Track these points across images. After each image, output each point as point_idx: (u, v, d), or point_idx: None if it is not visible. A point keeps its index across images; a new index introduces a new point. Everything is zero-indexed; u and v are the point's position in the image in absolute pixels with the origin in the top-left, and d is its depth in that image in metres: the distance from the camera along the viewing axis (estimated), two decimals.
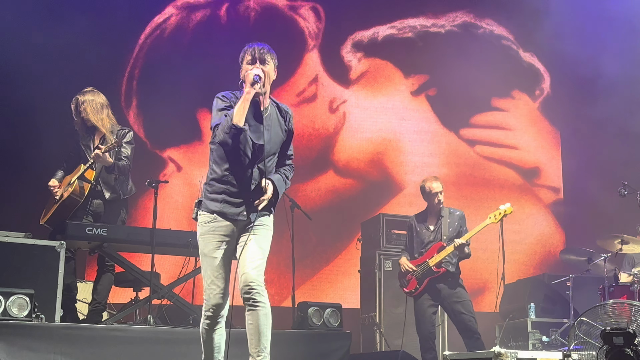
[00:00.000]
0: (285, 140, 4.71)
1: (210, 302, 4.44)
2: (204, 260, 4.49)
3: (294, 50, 10.72)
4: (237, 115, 4.36)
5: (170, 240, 6.72)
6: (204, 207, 4.51)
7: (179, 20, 10.33)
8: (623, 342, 4.95)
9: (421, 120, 11.11)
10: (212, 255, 4.45)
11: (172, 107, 9.72)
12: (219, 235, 4.46)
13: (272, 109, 4.64)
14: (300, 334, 6.69)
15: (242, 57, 4.62)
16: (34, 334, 5.58)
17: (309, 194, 10.33)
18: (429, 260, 7.09)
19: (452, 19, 11.39)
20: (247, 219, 4.48)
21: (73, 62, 8.88)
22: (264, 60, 4.57)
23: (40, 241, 6.23)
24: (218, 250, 4.45)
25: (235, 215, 4.46)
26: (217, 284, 4.43)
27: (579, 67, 11.08)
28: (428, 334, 7.09)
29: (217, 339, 4.53)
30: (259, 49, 4.58)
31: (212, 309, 4.45)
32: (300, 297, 7.67)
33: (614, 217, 9.84)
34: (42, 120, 8.55)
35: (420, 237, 7.30)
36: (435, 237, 7.25)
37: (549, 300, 9.19)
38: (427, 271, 7.09)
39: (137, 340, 5.96)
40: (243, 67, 4.58)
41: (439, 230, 7.25)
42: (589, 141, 11.21)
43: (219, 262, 4.44)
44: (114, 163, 6.70)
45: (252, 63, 4.55)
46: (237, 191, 4.47)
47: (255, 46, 4.60)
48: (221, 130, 4.39)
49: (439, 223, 7.29)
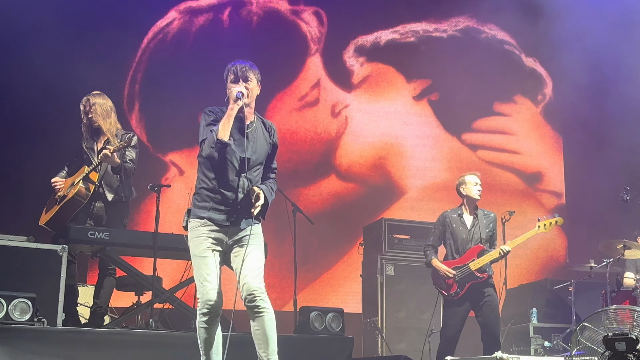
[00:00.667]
0: (270, 153, 4.90)
1: (203, 298, 4.55)
2: (195, 261, 4.66)
3: (296, 54, 10.73)
4: (221, 130, 4.59)
5: (173, 245, 6.71)
6: (194, 215, 4.72)
7: (182, 25, 10.35)
8: (625, 348, 4.94)
9: (423, 125, 11.12)
10: (202, 255, 4.62)
11: (174, 111, 9.73)
12: (209, 238, 4.64)
13: (257, 123, 4.85)
14: (302, 339, 6.68)
15: (226, 76, 4.82)
16: (36, 338, 5.58)
17: (311, 198, 10.34)
18: (470, 264, 6.89)
19: (455, 24, 11.40)
20: (237, 226, 4.66)
21: (75, 65, 8.87)
22: (247, 77, 4.76)
23: (42, 245, 6.23)
24: (208, 251, 4.62)
25: (224, 222, 4.64)
26: (209, 280, 4.57)
27: (581, 72, 11.09)
28: (454, 337, 6.93)
29: (214, 337, 4.63)
30: (241, 67, 4.76)
31: (207, 306, 4.54)
32: (302, 301, 7.66)
33: (616, 222, 9.83)
34: (43, 123, 8.56)
35: (456, 234, 7.08)
36: (472, 238, 7.07)
37: (551, 306, 9.18)
38: (468, 275, 6.88)
39: (138, 344, 5.95)
40: (228, 85, 4.78)
41: (475, 231, 7.07)
42: (591, 146, 11.20)
43: (210, 261, 4.60)
44: (121, 163, 6.70)
45: (235, 82, 4.74)
46: (225, 200, 4.66)
47: (238, 64, 4.78)
48: (207, 145, 4.62)
49: (475, 223, 7.12)
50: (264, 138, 4.83)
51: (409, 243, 8.60)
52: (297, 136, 10.51)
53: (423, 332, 8.08)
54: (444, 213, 7.31)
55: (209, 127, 4.67)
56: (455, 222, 7.16)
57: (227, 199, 4.64)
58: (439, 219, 7.29)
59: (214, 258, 4.61)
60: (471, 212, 7.19)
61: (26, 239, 6.26)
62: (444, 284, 7.01)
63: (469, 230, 7.10)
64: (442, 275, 6.98)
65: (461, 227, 7.13)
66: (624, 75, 10.81)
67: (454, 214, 7.22)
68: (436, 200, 10.86)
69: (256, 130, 4.81)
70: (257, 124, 4.84)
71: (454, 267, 6.95)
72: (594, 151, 11.07)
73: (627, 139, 10.32)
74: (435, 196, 10.90)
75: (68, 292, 6.43)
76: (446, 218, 7.22)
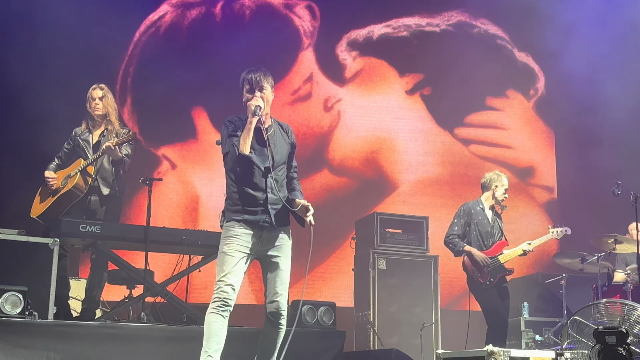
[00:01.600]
0: (290, 152, 5.22)
1: (218, 290, 4.73)
2: (221, 258, 4.85)
3: (289, 48, 10.72)
4: (242, 145, 4.83)
5: (164, 238, 6.71)
6: (229, 218, 4.93)
7: (174, 18, 10.32)
8: (615, 341, 4.96)
9: (416, 119, 11.12)
10: (230, 254, 4.82)
11: (166, 104, 9.72)
12: (241, 240, 4.85)
13: (275, 127, 5.11)
14: (293, 332, 6.67)
15: (241, 84, 5.00)
16: (27, 331, 5.57)
17: (303, 191, 10.27)
18: (500, 257, 7.19)
19: (447, 18, 11.40)
20: (269, 224, 4.93)
21: (67, 59, 8.85)
22: (262, 87, 4.95)
23: (33, 238, 6.21)
24: (238, 252, 4.82)
25: (258, 222, 4.89)
26: (229, 278, 4.75)
27: (574, 66, 11.11)
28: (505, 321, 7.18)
29: (219, 328, 4.72)
30: (255, 77, 4.94)
31: (221, 295, 4.73)
32: (293, 295, 7.65)
33: (608, 216, 9.87)
34: (34, 116, 8.52)
35: (481, 226, 7.30)
36: (494, 232, 7.32)
37: (542, 300, 9.22)
38: (499, 267, 7.18)
39: (130, 337, 5.95)
40: (244, 94, 4.97)
41: (495, 226, 7.34)
42: (583, 141, 11.23)
43: (236, 260, 4.80)
44: (122, 157, 6.71)
45: (250, 92, 4.94)
46: (255, 201, 4.91)
47: (252, 74, 4.95)
48: (230, 159, 4.89)
49: (495, 219, 7.38)
50: (283, 140, 5.11)
51: (401, 237, 8.61)
52: None
53: (415, 326, 8.12)
54: (468, 204, 7.47)
55: (230, 139, 4.88)
56: (479, 214, 7.36)
57: (257, 200, 4.89)
58: (464, 209, 7.42)
59: (240, 259, 4.81)
60: (491, 208, 7.42)
61: (17, 232, 6.24)
62: (480, 272, 7.17)
63: (491, 224, 7.33)
64: (480, 263, 7.14)
65: (485, 221, 7.33)
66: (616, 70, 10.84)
67: (477, 207, 7.40)
68: (428, 194, 10.89)
69: (275, 133, 5.06)
70: (275, 127, 5.09)
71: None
72: (586, 146, 11.10)
73: (618, 134, 10.35)
74: (428, 190, 10.92)
75: (60, 286, 6.42)
76: (471, 210, 7.39)
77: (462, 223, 7.34)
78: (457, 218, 7.40)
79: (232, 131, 4.92)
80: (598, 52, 10.92)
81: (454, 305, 9.97)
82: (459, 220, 7.37)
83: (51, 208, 6.74)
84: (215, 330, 4.71)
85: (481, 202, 7.42)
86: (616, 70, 10.72)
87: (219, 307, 4.73)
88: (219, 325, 4.72)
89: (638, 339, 4.98)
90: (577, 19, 10.89)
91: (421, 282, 8.45)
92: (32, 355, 5.51)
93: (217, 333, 4.71)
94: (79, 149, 6.89)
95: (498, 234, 7.35)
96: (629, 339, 4.96)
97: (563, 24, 10.84)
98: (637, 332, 5.01)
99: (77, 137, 6.93)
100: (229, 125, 4.96)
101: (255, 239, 4.89)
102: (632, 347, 4.94)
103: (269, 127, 5.04)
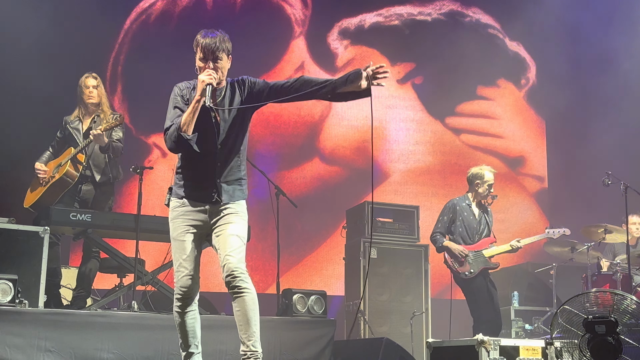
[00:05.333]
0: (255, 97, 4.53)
1: (178, 284, 4.47)
2: (173, 244, 4.53)
3: (280, 37, 10.68)
4: (184, 123, 4.35)
5: (155, 227, 6.70)
6: (174, 194, 4.57)
7: (165, 6, 10.26)
8: (605, 331, 4.98)
9: (407, 109, 11.12)
10: (180, 238, 4.49)
11: (157, 92, 9.63)
12: (188, 219, 4.50)
13: (228, 91, 4.55)
14: (284, 321, 6.70)
15: (195, 47, 4.52)
16: (17, 320, 5.56)
17: (294, 181, 10.33)
18: (484, 252, 7.26)
19: (439, 7, 11.39)
20: (218, 203, 4.47)
21: (57, 46, 8.79)
22: (217, 57, 4.46)
23: (24, 227, 6.20)
24: (187, 234, 4.49)
25: (204, 199, 4.47)
26: (185, 266, 4.46)
27: (564, 56, 11.14)
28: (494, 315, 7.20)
29: (190, 322, 4.53)
30: (210, 45, 4.44)
31: (181, 292, 4.47)
32: (285, 284, 7.66)
33: (598, 206, 9.91)
34: (22, 103, 8.47)
35: (467, 222, 7.35)
36: (480, 228, 7.36)
37: (532, 289, 9.26)
38: (482, 260, 7.24)
39: (121, 326, 5.95)
40: (197, 61, 4.51)
41: (482, 222, 7.39)
42: (574, 130, 11.26)
43: (187, 245, 4.47)
44: (109, 142, 6.73)
45: (204, 61, 4.47)
46: (204, 176, 4.49)
47: (208, 40, 4.46)
48: (169, 138, 4.40)
49: (482, 215, 7.42)
50: (238, 103, 4.53)
51: (392, 226, 8.62)
52: (281, 119, 10.48)
53: (405, 315, 8.14)
54: (453, 201, 7.51)
55: (175, 110, 4.47)
56: (465, 210, 7.40)
57: (205, 174, 4.48)
58: (449, 206, 7.48)
59: (191, 242, 4.47)
60: (478, 204, 7.45)
61: (7, 221, 6.22)
62: (458, 262, 7.24)
63: (478, 220, 7.37)
64: (457, 255, 7.21)
65: (471, 217, 7.38)
66: (607, 60, 10.87)
67: (462, 203, 7.45)
68: (419, 183, 10.91)
69: (225, 98, 4.54)
70: (227, 92, 4.55)
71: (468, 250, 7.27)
72: (577, 136, 11.14)
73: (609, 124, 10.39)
74: (419, 180, 10.94)
75: (51, 275, 6.43)
76: (456, 206, 7.44)
77: (446, 220, 7.43)
78: (441, 215, 7.50)
79: (177, 105, 4.49)
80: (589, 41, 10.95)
81: (444, 294, 9.99)
82: (442, 218, 7.47)
83: (43, 197, 6.73)
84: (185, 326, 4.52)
85: (467, 197, 7.48)
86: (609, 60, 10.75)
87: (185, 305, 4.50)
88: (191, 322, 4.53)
89: (627, 328, 5.00)
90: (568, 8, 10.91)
91: (412, 271, 8.47)
92: (22, 344, 5.50)
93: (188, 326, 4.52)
94: (69, 137, 6.89)
95: (485, 230, 7.40)
96: (619, 328, 4.98)
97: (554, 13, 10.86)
98: (626, 321, 5.03)
99: (67, 125, 6.93)
100: (175, 99, 4.52)
101: (203, 214, 4.48)
102: (621, 337, 4.96)
103: (219, 94, 4.49)
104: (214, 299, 7.74)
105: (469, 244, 7.30)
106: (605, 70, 10.84)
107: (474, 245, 7.29)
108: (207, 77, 4.38)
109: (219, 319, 6.30)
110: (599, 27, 10.91)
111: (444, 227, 7.42)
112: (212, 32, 4.53)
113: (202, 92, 4.34)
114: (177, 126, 4.36)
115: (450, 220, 7.40)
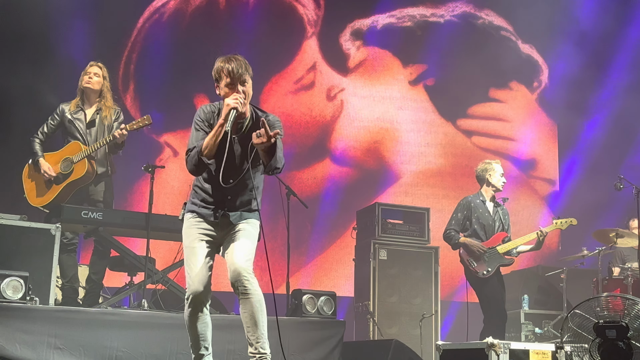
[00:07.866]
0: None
1: (190, 288, 4.47)
2: (185, 252, 4.56)
3: (292, 37, 10.69)
4: (205, 147, 4.36)
5: (166, 226, 6.71)
6: (187, 209, 4.62)
7: (178, 5, 10.28)
8: (616, 335, 4.96)
9: (419, 110, 11.11)
10: (192, 245, 4.52)
11: (169, 91, 9.69)
12: (200, 229, 4.53)
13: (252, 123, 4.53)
14: (293, 322, 6.69)
15: (217, 73, 4.49)
16: (28, 317, 5.58)
17: (305, 181, 10.33)
18: (498, 247, 7.19)
19: (452, 9, 11.37)
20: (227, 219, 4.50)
21: (69, 44, 8.82)
22: (244, 81, 4.44)
23: (35, 224, 6.23)
24: (199, 242, 4.52)
25: (211, 217, 4.51)
26: (196, 272, 4.46)
27: (577, 59, 11.10)
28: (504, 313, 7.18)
29: (200, 327, 4.54)
30: (238, 70, 4.41)
31: (192, 296, 4.46)
32: (294, 284, 7.67)
33: (610, 210, 9.87)
34: (32, 100, 8.49)
35: (483, 219, 7.30)
36: (495, 224, 7.31)
37: (542, 292, 9.23)
38: (497, 257, 7.18)
39: (131, 324, 5.96)
40: (221, 88, 4.48)
41: (497, 218, 7.33)
42: (586, 134, 11.23)
43: (199, 252, 4.49)
44: (123, 143, 6.77)
45: (231, 86, 4.43)
46: (218, 198, 4.52)
47: (233, 64, 4.42)
48: (190, 160, 4.44)
49: (496, 211, 7.37)
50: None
51: (402, 228, 8.61)
52: (292, 119, 10.49)
53: (414, 317, 8.13)
54: (468, 198, 7.47)
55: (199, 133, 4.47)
56: (480, 207, 7.36)
57: (219, 196, 4.50)
58: (463, 203, 7.43)
59: (202, 248, 4.50)
60: (491, 199, 7.40)
61: (19, 218, 6.25)
62: (475, 259, 7.18)
63: (493, 217, 7.33)
64: (476, 252, 7.16)
65: (486, 213, 7.34)
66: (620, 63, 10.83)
67: (477, 200, 7.40)
68: (430, 185, 10.89)
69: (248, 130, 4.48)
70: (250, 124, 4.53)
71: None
72: (589, 139, 11.10)
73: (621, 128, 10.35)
74: (429, 182, 10.92)
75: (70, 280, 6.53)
76: (471, 203, 7.39)
77: (460, 217, 7.36)
78: (455, 212, 7.43)
79: (200, 126, 4.49)
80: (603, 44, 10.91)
81: (453, 296, 9.98)
82: (456, 215, 7.40)
83: (59, 196, 6.73)
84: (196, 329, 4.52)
85: (481, 194, 7.42)
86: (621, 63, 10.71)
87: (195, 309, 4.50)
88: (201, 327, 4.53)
89: (638, 333, 4.99)
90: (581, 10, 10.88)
91: (421, 273, 8.46)
92: (33, 341, 5.51)
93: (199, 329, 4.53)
94: (71, 127, 6.85)
95: (499, 226, 7.34)
96: (630, 333, 4.96)
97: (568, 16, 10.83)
98: (637, 326, 5.01)
99: (66, 114, 6.88)
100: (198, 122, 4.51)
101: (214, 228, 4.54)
102: (632, 341, 4.95)
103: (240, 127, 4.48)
104: (224, 299, 7.74)
105: (483, 241, 7.25)
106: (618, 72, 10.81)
107: (487, 242, 7.24)
108: (234, 101, 4.36)
109: (228, 319, 6.30)
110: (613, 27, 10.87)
111: (458, 223, 7.34)
112: (234, 56, 4.49)
113: (225, 117, 4.32)
114: (199, 149, 4.37)
115: (465, 217, 7.34)
